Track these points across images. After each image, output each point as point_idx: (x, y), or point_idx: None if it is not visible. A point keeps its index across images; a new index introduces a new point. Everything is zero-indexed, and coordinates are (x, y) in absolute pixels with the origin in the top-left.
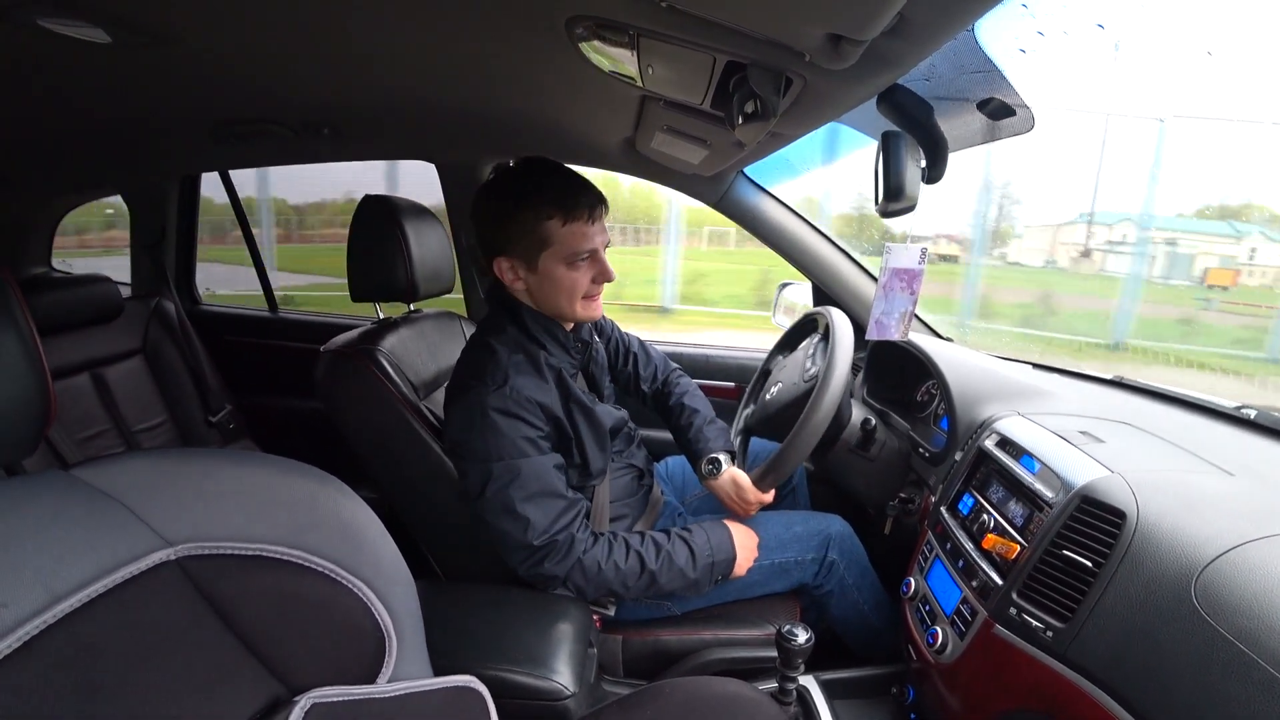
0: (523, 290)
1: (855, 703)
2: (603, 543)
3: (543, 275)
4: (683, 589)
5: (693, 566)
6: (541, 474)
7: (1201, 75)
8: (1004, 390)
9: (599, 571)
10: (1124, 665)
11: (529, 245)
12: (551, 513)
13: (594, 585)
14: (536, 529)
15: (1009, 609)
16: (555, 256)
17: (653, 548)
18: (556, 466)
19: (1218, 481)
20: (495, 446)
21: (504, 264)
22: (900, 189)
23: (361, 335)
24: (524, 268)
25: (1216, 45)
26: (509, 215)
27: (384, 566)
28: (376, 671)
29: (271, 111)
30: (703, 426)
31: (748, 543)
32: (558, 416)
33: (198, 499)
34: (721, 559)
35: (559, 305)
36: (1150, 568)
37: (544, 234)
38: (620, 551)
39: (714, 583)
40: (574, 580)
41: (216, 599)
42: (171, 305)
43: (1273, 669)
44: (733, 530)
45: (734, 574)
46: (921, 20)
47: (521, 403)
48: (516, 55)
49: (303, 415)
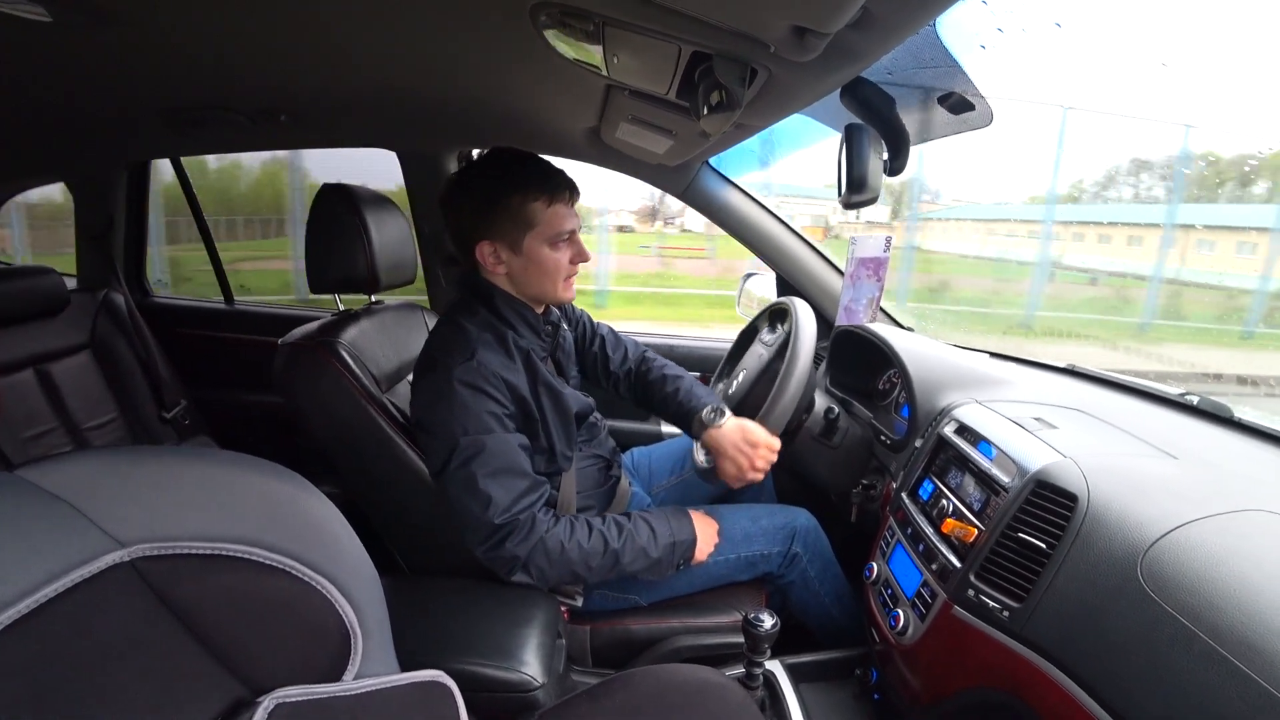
0: (504, 275)
1: (820, 685)
2: (564, 523)
3: (527, 257)
4: (646, 570)
5: (654, 545)
6: (506, 451)
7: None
8: (962, 379)
9: (561, 552)
10: (1076, 642)
11: (514, 227)
12: (514, 491)
13: (557, 567)
14: (498, 506)
15: (967, 591)
16: (540, 237)
17: (615, 528)
18: (522, 446)
19: (1163, 465)
20: (461, 421)
21: (487, 248)
22: (863, 180)
23: (321, 327)
24: (508, 250)
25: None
26: (495, 199)
27: (348, 563)
28: (342, 669)
29: (225, 97)
30: (692, 387)
31: (707, 529)
32: (524, 397)
33: (151, 498)
34: (682, 539)
35: (542, 286)
36: (1100, 548)
37: (529, 215)
38: (583, 531)
39: (677, 566)
40: (536, 562)
41: (173, 601)
42: (121, 298)
43: (1213, 641)
44: (694, 516)
45: (695, 558)
46: (885, 14)
47: (488, 378)
48: (480, 42)
49: (261, 410)
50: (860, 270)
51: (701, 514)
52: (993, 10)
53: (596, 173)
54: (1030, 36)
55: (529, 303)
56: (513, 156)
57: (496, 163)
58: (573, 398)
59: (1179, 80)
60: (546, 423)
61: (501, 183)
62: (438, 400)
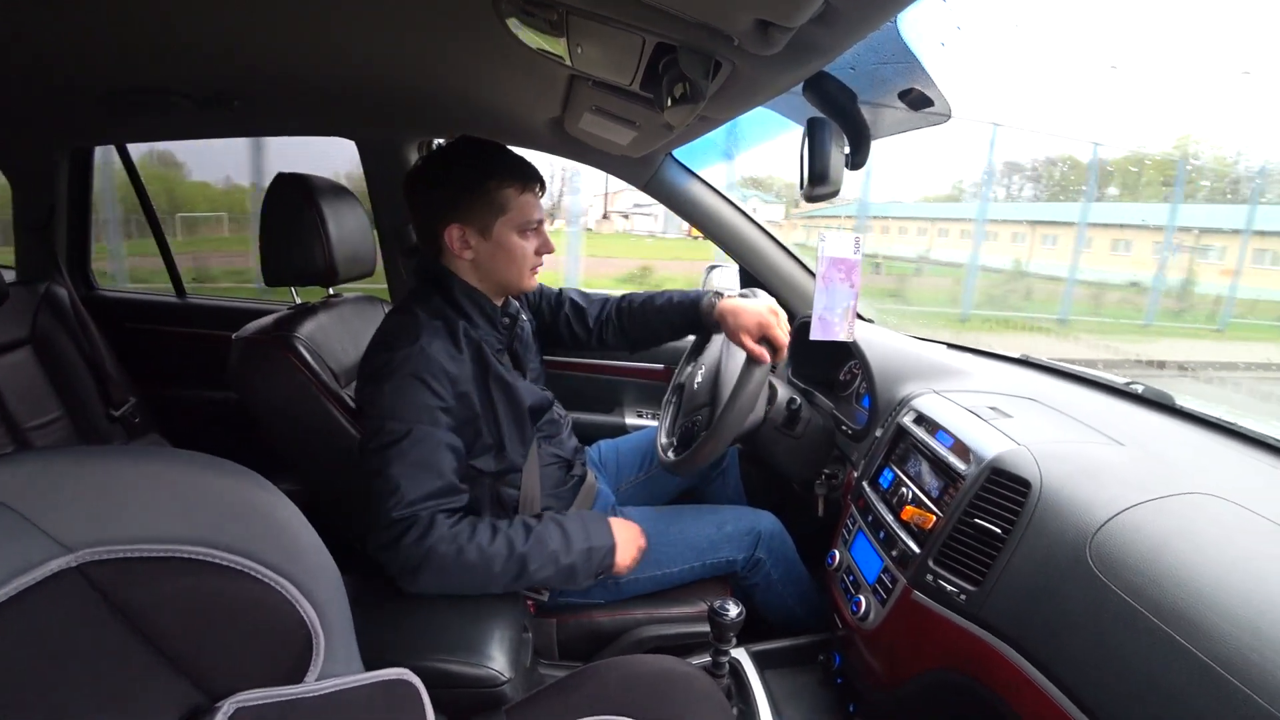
0: (469, 260)
1: (785, 671)
2: (465, 524)
3: (496, 243)
4: (558, 579)
5: (566, 551)
6: (429, 446)
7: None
8: (921, 369)
9: (459, 553)
10: (1030, 622)
11: (486, 212)
12: (423, 488)
13: (455, 570)
14: (402, 499)
15: (926, 576)
16: (510, 224)
17: (521, 530)
18: (451, 448)
19: (1111, 451)
20: (393, 405)
21: (455, 231)
22: (825, 174)
23: (277, 321)
24: (477, 235)
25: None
26: (469, 182)
27: (308, 562)
28: (304, 670)
29: (172, 81)
30: (676, 293)
31: (628, 535)
32: (466, 392)
33: (99, 500)
34: (599, 544)
35: (508, 274)
36: (1052, 532)
37: (502, 201)
38: (485, 534)
39: (594, 575)
40: (432, 564)
41: (125, 606)
42: (64, 291)
43: (1155, 618)
44: (614, 522)
45: (616, 568)
46: (848, 10)
47: (429, 367)
48: (441, 30)
49: (216, 406)
50: (832, 272)
51: (623, 521)
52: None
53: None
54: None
55: (489, 293)
56: (485, 144)
57: (470, 149)
58: (527, 391)
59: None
60: (496, 417)
61: (476, 167)
62: (374, 382)
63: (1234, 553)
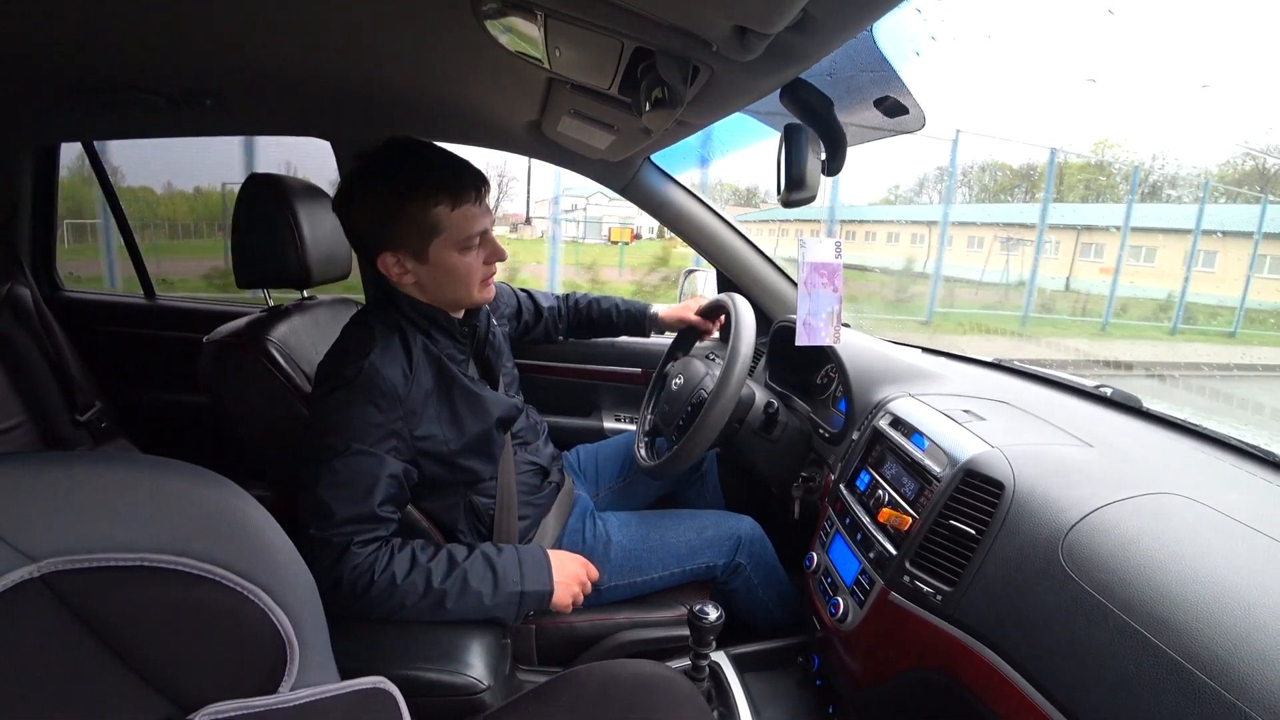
0: (412, 284)
1: (764, 674)
2: (383, 552)
3: (434, 265)
4: (479, 616)
5: (492, 591)
6: (362, 469)
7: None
8: (897, 373)
9: (369, 585)
10: (1004, 622)
11: (417, 236)
12: (346, 513)
13: (364, 600)
14: (321, 520)
15: (903, 577)
16: (447, 244)
17: (445, 564)
18: (389, 475)
19: (1081, 452)
20: (334, 420)
21: (390, 259)
22: (801, 179)
23: (250, 324)
24: (412, 260)
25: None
26: (392, 207)
27: (281, 569)
28: (279, 680)
29: (143, 77)
30: (627, 303)
31: (568, 576)
32: (414, 412)
33: (63, 507)
34: (533, 590)
35: (455, 294)
36: (1025, 532)
37: (433, 222)
38: (402, 564)
39: (521, 617)
40: (342, 591)
41: (92, 617)
42: (27, 292)
43: (1125, 615)
44: (555, 559)
45: (553, 607)
46: (825, 18)
47: (377, 385)
48: (419, 30)
49: (186, 411)
50: (814, 278)
51: (568, 556)
52: (926, 19)
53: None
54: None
55: (445, 308)
56: (409, 154)
57: (391, 162)
58: (495, 402)
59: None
60: (462, 430)
61: (399, 188)
62: (322, 395)
63: (1201, 551)
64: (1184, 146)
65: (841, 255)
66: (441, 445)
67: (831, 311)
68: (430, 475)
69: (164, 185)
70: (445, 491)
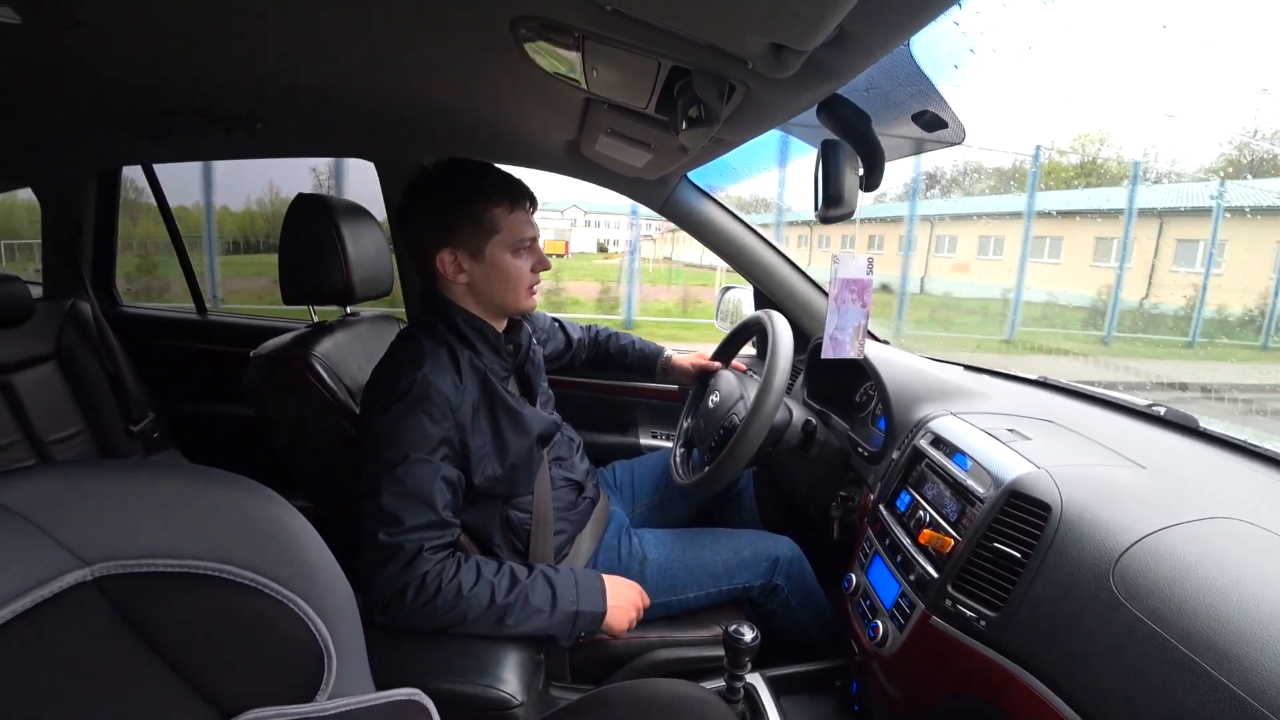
0: (464, 284)
1: (801, 698)
2: (450, 562)
3: (490, 264)
4: (536, 634)
5: (551, 611)
6: (424, 478)
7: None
8: (937, 391)
9: (437, 592)
10: (1052, 649)
11: (475, 234)
12: (414, 519)
13: (429, 609)
14: (391, 526)
15: (944, 601)
16: (502, 244)
17: (508, 580)
18: (445, 480)
19: (1132, 474)
20: (392, 432)
21: (447, 256)
22: (839, 196)
23: (295, 339)
24: (469, 259)
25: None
26: (454, 206)
27: (321, 580)
28: (315, 689)
29: (198, 103)
30: (644, 343)
31: (624, 602)
32: (466, 421)
33: (116, 514)
34: (588, 610)
35: (505, 295)
36: (1073, 557)
37: (491, 221)
38: (469, 575)
39: (576, 638)
40: (408, 597)
41: (139, 620)
42: (88, 307)
43: (1184, 647)
44: (610, 584)
45: (605, 632)
46: (861, 33)
47: (431, 396)
48: (460, 54)
49: (233, 423)
50: (844, 293)
51: (623, 582)
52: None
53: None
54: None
55: (490, 317)
56: (472, 164)
57: (455, 171)
58: (534, 418)
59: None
60: (504, 444)
61: (462, 190)
62: (376, 409)
63: (1264, 579)
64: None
65: (871, 272)
66: (484, 457)
67: (858, 325)
68: (471, 487)
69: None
70: (483, 505)
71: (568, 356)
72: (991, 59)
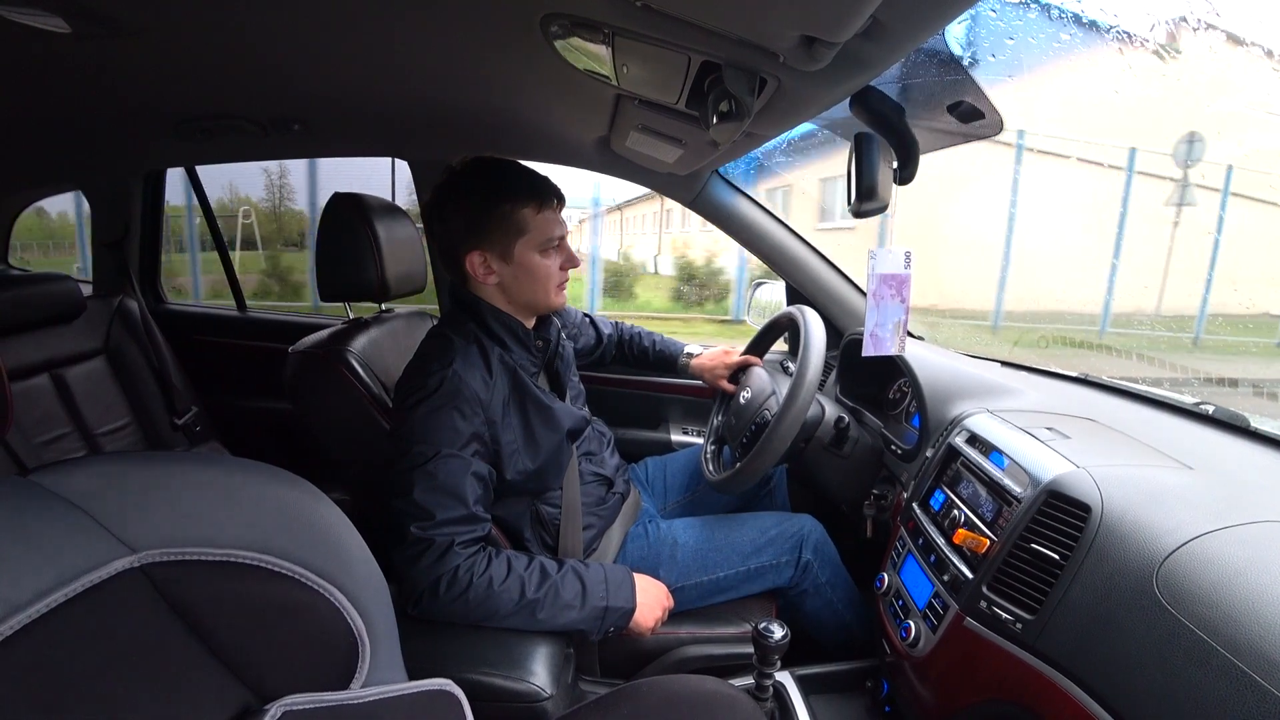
0: (494, 284)
1: (831, 697)
2: (481, 556)
3: (518, 264)
4: (566, 628)
5: (580, 604)
6: (455, 473)
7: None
8: (973, 388)
9: (469, 586)
10: (1090, 654)
11: (504, 234)
12: (445, 514)
13: (460, 602)
14: (424, 520)
15: (979, 602)
16: (530, 244)
17: (538, 574)
18: (475, 475)
19: (1177, 475)
20: (422, 428)
21: (476, 258)
22: (873, 189)
23: (332, 335)
24: (498, 259)
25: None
26: (483, 208)
27: (356, 570)
28: (350, 677)
29: (239, 106)
30: (662, 338)
31: (652, 600)
32: (497, 417)
33: (162, 504)
34: (617, 605)
35: (534, 294)
36: (1114, 559)
37: (520, 221)
38: (499, 570)
39: (605, 633)
40: (440, 591)
41: (183, 607)
42: (135, 304)
43: (1231, 655)
44: (639, 581)
45: (633, 629)
46: (894, 24)
47: (461, 392)
48: (492, 53)
49: (272, 417)
50: (883, 289)
51: (654, 581)
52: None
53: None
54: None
55: (520, 315)
56: (498, 164)
57: (481, 172)
58: (564, 413)
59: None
60: (534, 440)
61: (490, 191)
62: (407, 405)
63: None
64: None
65: (910, 265)
66: (515, 452)
67: (898, 321)
68: (502, 481)
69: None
70: (513, 500)
71: (598, 353)
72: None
